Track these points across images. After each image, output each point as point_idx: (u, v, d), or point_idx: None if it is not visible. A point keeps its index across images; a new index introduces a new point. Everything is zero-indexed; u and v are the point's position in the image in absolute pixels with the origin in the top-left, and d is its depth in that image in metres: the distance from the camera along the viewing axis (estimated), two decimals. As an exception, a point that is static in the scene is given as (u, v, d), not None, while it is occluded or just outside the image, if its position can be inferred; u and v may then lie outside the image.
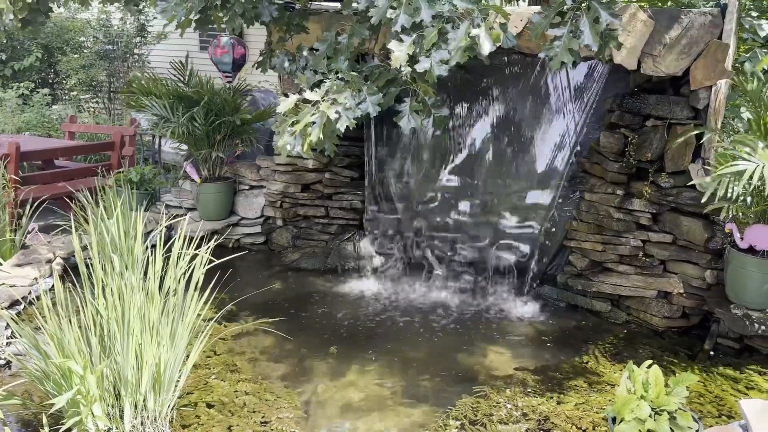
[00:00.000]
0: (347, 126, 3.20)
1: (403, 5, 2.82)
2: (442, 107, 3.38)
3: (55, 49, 10.14)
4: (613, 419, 2.47)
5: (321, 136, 3.00)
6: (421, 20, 2.81)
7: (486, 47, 2.75)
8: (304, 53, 3.61)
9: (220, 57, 7.27)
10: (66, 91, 10.15)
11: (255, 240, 5.53)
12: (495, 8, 2.95)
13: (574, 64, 3.04)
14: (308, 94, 3.10)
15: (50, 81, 10.41)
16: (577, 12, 2.89)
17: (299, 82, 3.49)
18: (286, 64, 3.62)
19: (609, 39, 2.93)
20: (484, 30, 2.71)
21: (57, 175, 5.89)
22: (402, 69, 2.92)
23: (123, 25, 10.06)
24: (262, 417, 3.01)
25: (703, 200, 3.60)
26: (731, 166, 3.35)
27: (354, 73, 3.27)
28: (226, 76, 7.63)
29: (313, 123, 3.02)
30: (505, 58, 4.59)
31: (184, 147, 5.62)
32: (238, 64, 7.21)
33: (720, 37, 3.83)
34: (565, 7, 2.84)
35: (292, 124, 3.11)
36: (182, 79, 5.55)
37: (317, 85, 3.37)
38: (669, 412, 2.39)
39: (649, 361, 2.54)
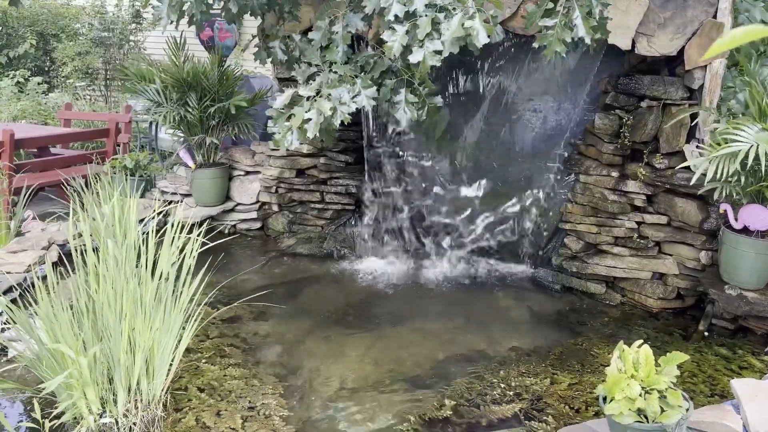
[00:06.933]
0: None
1: None
2: (435, 96, 3.36)
3: (50, 36, 10.07)
4: (604, 398, 2.48)
5: (317, 133, 3.01)
6: (415, 9, 2.78)
7: (482, 38, 2.73)
8: (297, 41, 3.58)
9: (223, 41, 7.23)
10: (62, 79, 10.09)
11: (251, 226, 5.52)
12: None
13: (567, 53, 3.01)
14: (302, 90, 3.10)
15: (46, 69, 10.36)
16: (569, 1, 2.86)
17: (295, 75, 3.47)
18: (280, 54, 3.59)
19: (599, 29, 2.91)
20: (479, 21, 2.69)
21: (52, 162, 5.88)
22: (396, 59, 2.91)
23: (118, 11, 9.99)
24: (249, 402, 3.02)
25: (692, 181, 3.59)
26: (726, 146, 3.33)
27: (348, 66, 3.25)
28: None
29: (309, 119, 3.03)
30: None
31: (181, 133, 5.59)
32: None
33: (715, 16, 3.80)
34: None
35: (288, 119, 3.11)
36: (176, 62, 5.51)
37: (312, 77, 3.35)
38: (659, 391, 2.39)
39: (640, 341, 2.53)
